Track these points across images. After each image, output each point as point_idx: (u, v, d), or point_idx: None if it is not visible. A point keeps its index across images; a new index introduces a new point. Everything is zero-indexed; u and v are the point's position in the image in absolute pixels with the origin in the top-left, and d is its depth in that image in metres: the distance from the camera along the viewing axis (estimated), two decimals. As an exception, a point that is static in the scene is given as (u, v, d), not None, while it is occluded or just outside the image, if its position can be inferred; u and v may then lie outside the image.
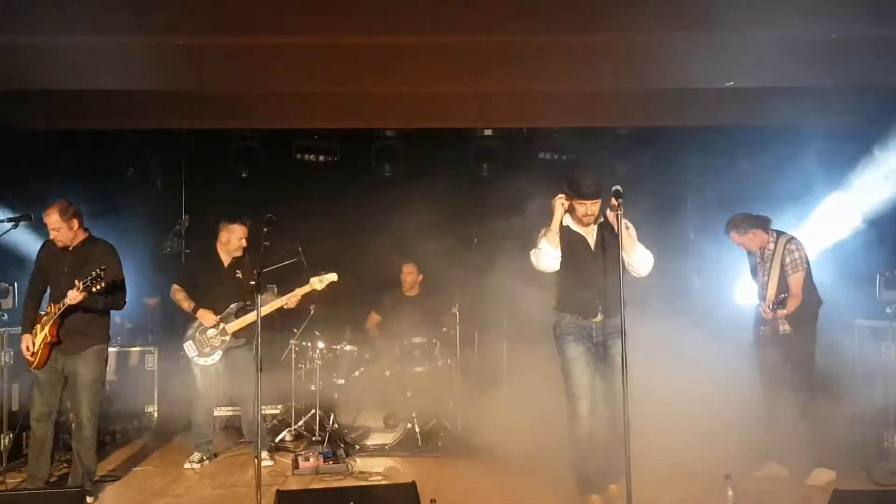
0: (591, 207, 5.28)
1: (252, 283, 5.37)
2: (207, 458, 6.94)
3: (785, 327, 6.21)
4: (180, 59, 6.88)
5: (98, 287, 5.49)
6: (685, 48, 6.62)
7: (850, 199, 7.64)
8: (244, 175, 9.47)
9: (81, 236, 5.88)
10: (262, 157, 9.49)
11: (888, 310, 6.78)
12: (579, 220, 5.41)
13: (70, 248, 5.85)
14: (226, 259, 7.00)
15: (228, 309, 6.90)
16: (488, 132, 9.52)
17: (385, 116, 8.69)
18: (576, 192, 5.29)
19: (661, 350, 6.03)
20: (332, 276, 6.94)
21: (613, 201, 4.98)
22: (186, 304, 6.87)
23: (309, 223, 8.54)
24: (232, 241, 6.94)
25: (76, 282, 5.52)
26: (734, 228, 6.42)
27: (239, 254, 6.98)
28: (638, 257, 5.25)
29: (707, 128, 8.62)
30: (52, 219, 5.73)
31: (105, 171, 9.01)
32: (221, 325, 6.85)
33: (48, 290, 5.97)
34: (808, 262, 6.27)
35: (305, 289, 6.93)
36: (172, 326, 8.78)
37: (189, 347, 6.88)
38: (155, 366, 8.28)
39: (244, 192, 9.28)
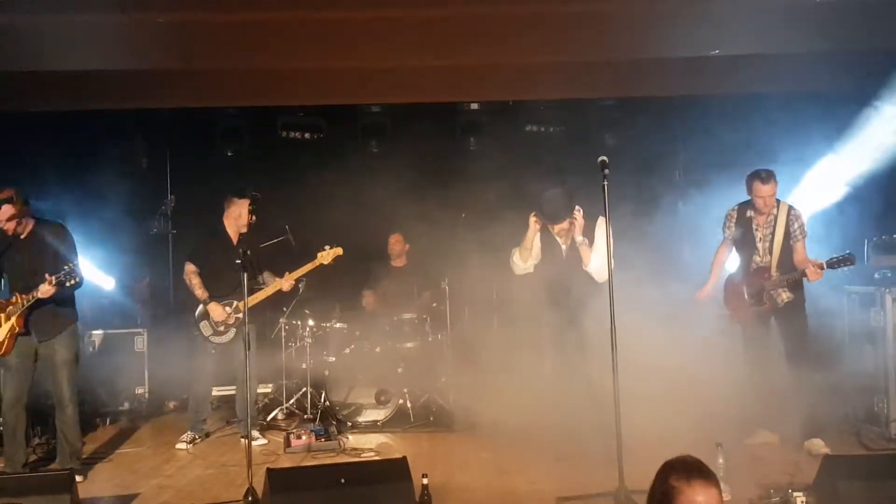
0: (556, 228, 6.05)
1: (238, 261, 5.30)
2: (199, 439, 6.94)
3: (785, 295, 6.19)
4: (161, 37, 6.78)
5: (72, 283, 5.49)
6: (670, 17, 6.55)
7: (838, 166, 7.62)
8: (230, 154, 9.39)
9: (31, 222, 5.77)
10: (248, 136, 9.40)
11: (876, 275, 6.80)
12: (556, 233, 6.12)
13: (22, 236, 5.73)
14: (234, 236, 6.95)
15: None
16: (474, 106, 9.45)
17: (370, 92, 8.60)
18: (542, 216, 6.03)
19: (649, 320, 6.05)
20: (338, 250, 7.06)
21: (575, 214, 5.91)
22: (200, 293, 6.78)
23: (296, 201, 8.50)
24: (243, 215, 6.83)
25: (48, 276, 5.48)
26: (758, 178, 6.14)
27: (246, 229, 6.91)
28: (593, 267, 5.93)
29: (694, 97, 8.59)
30: (5, 210, 5.57)
31: (88, 153, 8.91)
32: (235, 303, 6.82)
33: (3, 279, 5.87)
34: None
35: (313, 264, 6.99)
36: (161, 307, 8.77)
37: (205, 327, 6.83)
38: (144, 347, 8.24)
39: (230, 171, 9.20)
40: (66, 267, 5.49)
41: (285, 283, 6.93)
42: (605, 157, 5.22)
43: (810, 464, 5.40)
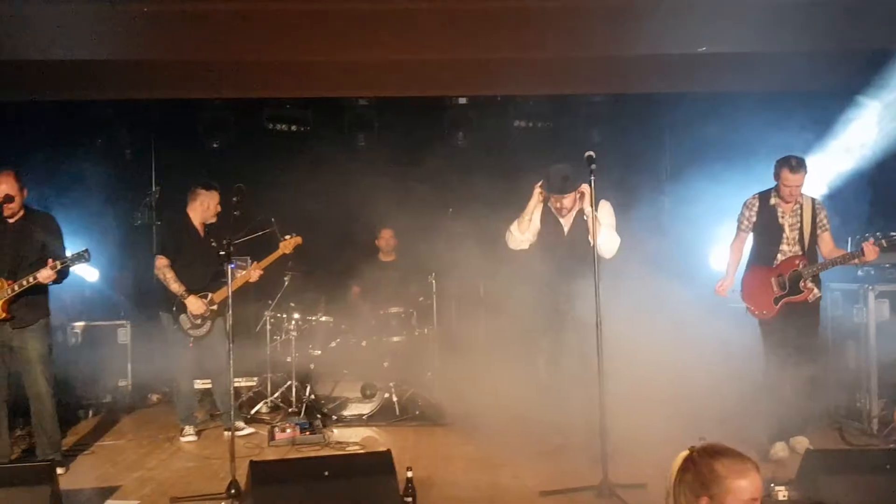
0: (561, 201, 5.82)
1: (221, 252, 5.27)
2: (198, 429, 6.93)
3: (816, 292, 5.93)
4: (147, 28, 6.73)
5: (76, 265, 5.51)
6: (658, 14, 6.56)
7: (822, 163, 7.65)
8: (215, 146, 9.33)
9: (22, 210, 5.72)
10: (234, 128, 9.36)
11: (860, 272, 6.83)
12: (557, 210, 5.90)
13: (11, 221, 5.67)
14: (200, 227, 6.91)
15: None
16: (463, 100, 9.44)
17: (357, 85, 8.59)
18: (547, 188, 5.84)
19: (637, 318, 6.06)
20: (298, 239, 7.08)
21: (585, 186, 5.60)
22: (176, 287, 6.69)
23: (282, 193, 8.43)
24: (211, 206, 6.85)
25: (50, 261, 5.46)
26: (787, 166, 5.82)
27: (213, 220, 6.89)
28: (602, 241, 5.60)
29: (681, 94, 8.62)
30: (8, 185, 5.54)
31: (73, 143, 8.85)
32: (210, 295, 6.78)
33: None
34: None
35: (276, 254, 7.00)
36: (144, 299, 8.71)
37: (184, 320, 6.78)
38: (128, 339, 8.20)
39: (215, 163, 9.14)
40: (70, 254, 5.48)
41: (254, 273, 6.90)
42: (591, 153, 5.23)
43: (793, 459, 5.44)
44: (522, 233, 5.94)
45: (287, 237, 7.06)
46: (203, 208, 6.88)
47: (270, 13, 6.63)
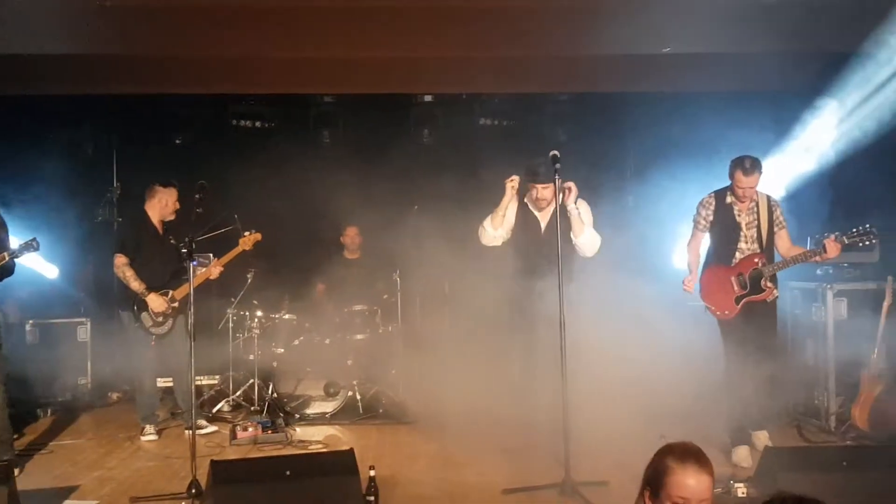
0: (542, 191, 5.70)
1: (184, 249, 5.22)
2: (159, 428, 6.86)
3: (775, 291, 5.90)
4: (109, 22, 6.63)
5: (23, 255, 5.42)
6: (622, 14, 6.60)
7: (782, 163, 7.74)
8: (178, 142, 9.25)
9: None
10: (197, 124, 9.28)
11: (818, 271, 6.93)
12: (535, 203, 5.79)
13: None
14: (158, 225, 6.84)
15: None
16: (428, 98, 9.44)
17: (322, 82, 8.55)
18: (529, 175, 5.72)
19: (602, 316, 6.08)
20: (257, 236, 7.08)
21: (569, 182, 5.56)
22: (136, 285, 6.60)
23: (246, 190, 8.35)
24: (169, 204, 6.80)
25: (5, 254, 5.38)
26: (740, 168, 5.74)
27: (172, 217, 6.83)
28: (585, 239, 5.59)
29: (645, 94, 8.67)
30: None
31: (32, 139, 8.70)
32: (170, 293, 6.72)
33: None
34: None
35: (236, 251, 6.99)
36: (105, 297, 8.59)
37: (145, 318, 6.70)
38: (87, 337, 8.08)
39: (178, 159, 9.07)
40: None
41: (214, 270, 6.88)
42: (556, 152, 5.24)
43: (753, 456, 5.52)
44: (496, 229, 5.84)
45: (246, 234, 7.05)
46: (161, 205, 6.82)
47: (234, 9, 6.57)
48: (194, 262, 5.28)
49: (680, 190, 7.33)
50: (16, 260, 5.54)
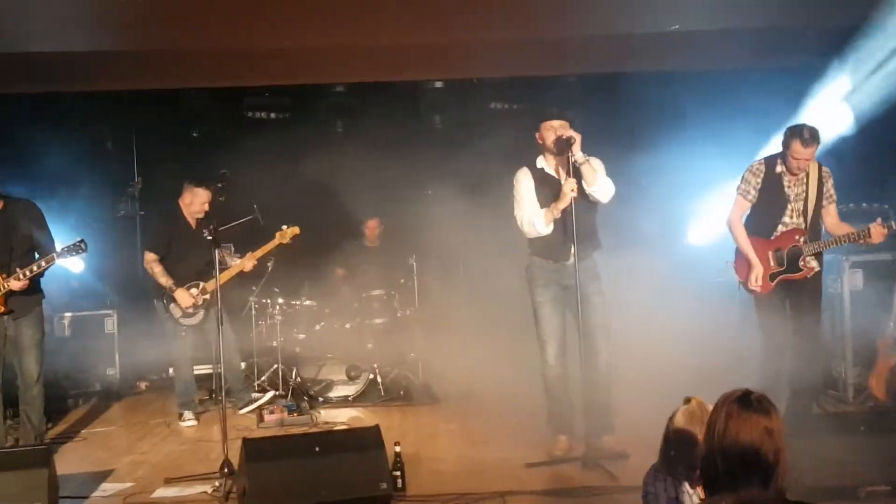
0: (559, 129, 5.35)
1: (208, 237, 5.34)
2: (198, 414, 7.01)
3: (815, 264, 5.54)
4: (125, 18, 6.75)
5: (39, 270, 5.56)
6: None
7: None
8: (196, 135, 9.39)
9: (1, 201, 5.72)
10: (214, 117, 9.40)
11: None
12: (550, 150, 5.46)
13: None
14: (192, 220, 6.97)
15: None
16: (439, 84, 9.48)
17: (334, 71, 8.63)
18: (542, 115, 5.50)
19: (633, 292, 6.14)
20: (295, 229, 7.11)
21: (573, 132, 5.23)
22: (164, 280, 6.75)
23: (263, 181, 8.47)
24: (194, 204, 6.89)
25: (18, 270, 5.50)
26: (798, 138, 5.32)
27: (201, 216, 6.93)
28: (598, 186, 5.29)
29: (655, 73, 8.70)
30: None
31: (53, 136, 8.84)
32: (202, 284, 6.84)
33: None
34: None
35: (272, 244, 7.06)
36: (130, 289, 8.76)
37: (175, 309, 6.84)
38: (115, 328, 8.24)
39: (196, 152, 9.20)
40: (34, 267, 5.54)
41: (247, 263, 6.98)
42: (570, 135, 5.20)
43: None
44: (548, 224, 5.37)
45: (284, 227, 7.09)
46: (185, 203, 6.94)
47: (246, 2, 6.67)
48: (224, 250, 5.35)
49: (691, 169, 7.41)
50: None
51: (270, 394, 7.09)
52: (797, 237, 5.51)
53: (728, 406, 2.37)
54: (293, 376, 7.51)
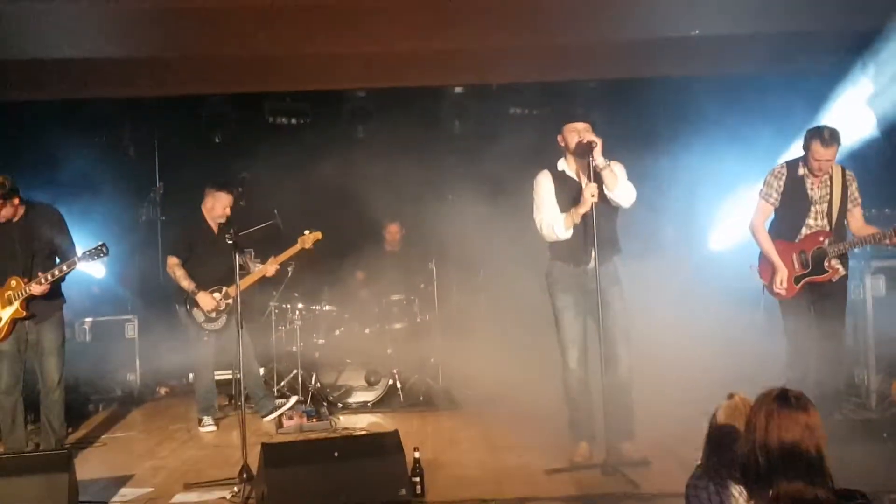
0: (582, 133, 5.30)
1: (229, 241, 5.35)
2: (217, 419, 7.02)
3: (842, 269, 5.52)
4: (147, 25, 6.81)
5: (60, 274, 5.60)
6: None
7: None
8: (217, 140, 9.43)
9: (22, 207, 5.75)
10: (235, 122, 9.45)
11: (855, 249, 6.88)
12: (572, 153, 5.40)
13: (14, 221, 5.73)
14: (214, 225, 6.98)
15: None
16: (459, 89, 9.50)
17: (355, 77, 8.64)
18: (565, 116, 5.47)
19: (654, 297, 6.08)
20: (318, 234, 7.12)
21: (594, 136, 5.18)
22: (186, 284, 6.75)
23: (284, 186, 8.51)
24: (216, 208, 6.90)
25: (40, 274, 5.56)
26: (818, 138, 5.32)
27: (223, 220, 6.94)
28: (620, 191, 5.23)
29: (676, 77, 8.64)
30: None
31: (76, 141, 8.91)
32: (224, 289, 6.85)
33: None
34: None
35: (294, 249, 7.06)
36: (151, 294, 8.81)
37: (197, 314, 6.85)
38: (135, 334, 8.28)
39: (218, 158, 9.24)
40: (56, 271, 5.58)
41: (270, 268, 6.98)
42: (591, 139, 5.15)
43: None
44: (568, 228, 5.32)
45: (307, 232, 7.09)
46: (207, 208, 6.95)
47: (269, 8, 6.70)
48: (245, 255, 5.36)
49: (713, 173, 7.35)
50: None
51: (293, 399, 7.06)
52: (821, 239, 5.47)
53: (768, 405, 2.46)
54: (313, 382, 7.50)
